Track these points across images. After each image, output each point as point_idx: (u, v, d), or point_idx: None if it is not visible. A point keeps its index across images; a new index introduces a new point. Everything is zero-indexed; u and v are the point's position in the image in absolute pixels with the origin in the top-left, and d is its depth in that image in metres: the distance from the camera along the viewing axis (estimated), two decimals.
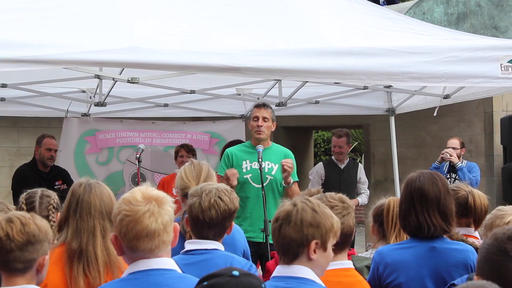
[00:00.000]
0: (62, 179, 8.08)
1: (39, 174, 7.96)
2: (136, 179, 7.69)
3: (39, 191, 3.94)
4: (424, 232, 3.56)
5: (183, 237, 3.59)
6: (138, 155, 7.27)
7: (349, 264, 3.31)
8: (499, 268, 2.26)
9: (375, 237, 4.11)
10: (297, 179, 6.42)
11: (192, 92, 7.73)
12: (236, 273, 2.31)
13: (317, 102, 8.37)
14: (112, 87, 6.89)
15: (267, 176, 6.15)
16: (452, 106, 8.54)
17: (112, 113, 8.65)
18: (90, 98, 7.72)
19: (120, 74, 6.11)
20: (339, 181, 7.52)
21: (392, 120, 8.47)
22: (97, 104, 7.36)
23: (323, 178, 8.36)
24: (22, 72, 6.14)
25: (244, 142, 7.35)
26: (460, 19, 10.60)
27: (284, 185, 6.24)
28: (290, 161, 6.15)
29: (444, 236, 3.63)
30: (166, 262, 2.71)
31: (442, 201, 3.57)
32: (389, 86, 7.57)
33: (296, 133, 12.75)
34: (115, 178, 8.64)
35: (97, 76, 6.32)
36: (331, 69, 5.44)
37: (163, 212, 2.64)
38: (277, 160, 6.28)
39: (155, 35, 5.28)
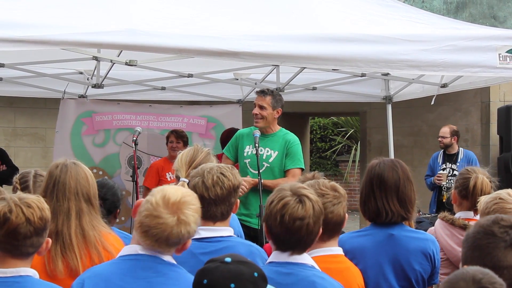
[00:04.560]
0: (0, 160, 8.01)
1: None
2: (132, 162, 7.68)
3: (32, 171, 3.97)
4: (382, 217, 3.59)
5: None
6: (134, 138, 7.27)
7: (338, 250, 3.33)
8: (490, 250, 2.27)
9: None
10: (303, 167, 6.21)
11: (190, 76, 7.73)
12: (228, 259, 2.32)
13: (314, 89, 8.38)
14: (110, 69, 6.88)
15: (263, 163, 6.12)
16: (449, 95, 8.55)
17: (109, 95, 8.65)
18: (88, 79, 7.70)
19: (118, 56, 6.10)
20: None
21: (389, 108, 8.47)
22: (95, 86, 7.35)
23: None
24: (20, 52, 6.12)
25: (240, 128, 7.35)
26: (459, 8, 10.59)
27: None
28: (245, 186, 5.84)
29: (404, 223, 3.65)
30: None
31: (401, 188, 3.59)
32: (387, 74, 7.57)
33: (293, 119, 12.73)
34: (111, 160, 8.63)
35: (95, 58, 6.29)
36: (329, 55, 5.43)
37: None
38: (277, 147, 6.22)
39: (153, 18, 5.26)
